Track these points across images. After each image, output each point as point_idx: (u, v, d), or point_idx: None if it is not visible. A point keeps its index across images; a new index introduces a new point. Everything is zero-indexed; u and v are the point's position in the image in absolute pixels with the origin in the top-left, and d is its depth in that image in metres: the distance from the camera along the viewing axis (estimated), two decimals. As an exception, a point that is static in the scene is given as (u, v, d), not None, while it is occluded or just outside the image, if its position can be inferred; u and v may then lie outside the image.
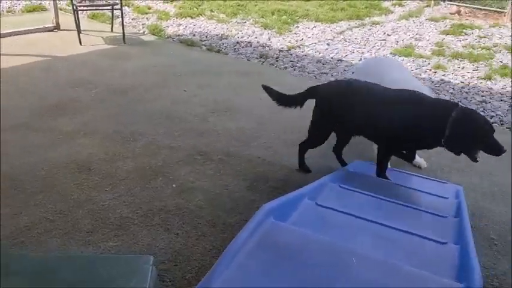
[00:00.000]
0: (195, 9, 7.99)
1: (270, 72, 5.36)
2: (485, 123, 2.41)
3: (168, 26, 7.05)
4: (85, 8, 6.47)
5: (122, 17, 6.16)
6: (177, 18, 7.52)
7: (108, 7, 6.25)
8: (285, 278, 1.32)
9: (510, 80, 5.36)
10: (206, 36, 6.72)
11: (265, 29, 7.27)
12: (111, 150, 3.21)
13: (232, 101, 4.29)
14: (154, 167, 3.03)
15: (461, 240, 1.79)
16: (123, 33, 6.04)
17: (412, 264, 1.52)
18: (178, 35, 6.68)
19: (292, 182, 2.95)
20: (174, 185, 2.82)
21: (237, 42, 6.51)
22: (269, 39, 6.79)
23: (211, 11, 8.03)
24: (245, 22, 7.60)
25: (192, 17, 7.59)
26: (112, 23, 6.52)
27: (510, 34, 7.18)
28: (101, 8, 6.49)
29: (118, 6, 6.07)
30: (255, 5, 8.59)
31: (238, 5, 8.44)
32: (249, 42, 6.58)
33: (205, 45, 6.30)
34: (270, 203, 1.60)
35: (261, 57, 5.96)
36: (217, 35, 6.83)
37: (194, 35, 6.72)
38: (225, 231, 2.39)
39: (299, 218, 1.74)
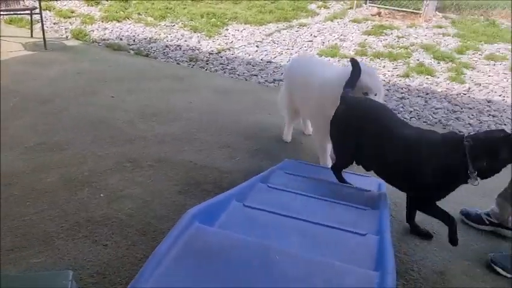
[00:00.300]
0: (121, 12, 7.79)
1: (200, 75, 5.36)
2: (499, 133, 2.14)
3: (93, 30, 6.83)
4: (1, 13, 6.09)
5: (42, 22, 5.87)
6: (102, 22, 7.29)
7: (27, 11, 5.93)
8: (210, 281, 1.34)
9: (425, 77, 5.75)
10: (134, 40, 6.59)
11: (194, 32, 7.25)
12: (33, 163, 3.06)
13: (162, 106, 4.24)
14: (80, 177, 2.92)
15: (380, 230, 1.90)
16: (44, 38, 5.77)
17: (335, 258, 1.60)
18: (104, 39, 6.49)
19: (225, 184, 2.97)
20: (102, 195, 2.74)
21: (166, 46, 6.44)
22: (199, 42, 6.78)
23: (139, 14, 7.87)
24: (174, 25, 7.53)
25: (118, 21, 7.40)
26: (31, 28, 6.20)
27: (425, 34, 7.69)
28: (18, 12, 6.14)
29: (37, 11, 5.78)
30: (184, 8, 8.54)
31: (167, 8, 8.35)
32: (179, 46, 6.53)
33: (133, 50, 6.17)
34: (195, 208, 1.60)
35: (190, 61, 5.94)
36: (145, 38, 6.71)
37: (121, 39, 6.55)
38: (156, 239, 2.36)
39: (226, 221, 1.76)
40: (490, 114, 4.81)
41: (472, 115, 4.78)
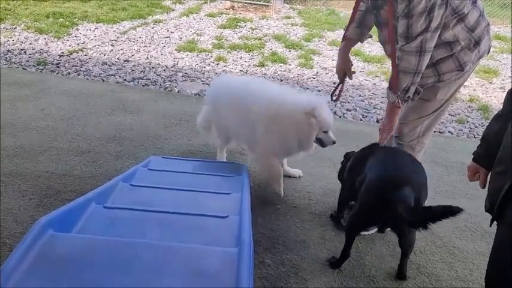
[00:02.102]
0: None
1: (51, 80, 4.99)
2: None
3: None
4: None
5: None
6: None
7: None
8: (70, 286, 1.31)
9: (279, 65, 6.15)
10: (-34, 47, 5.88)
11: (40, 33, 6.72)
12: None
13: (9, 116, 3.87)
14: None
15: (241, 211, 2.03)
16: None
17: (197, 242, 1.68)
18: None
19: (89, 190, 2.84)
20: None
21: (8, 51, 5.87)
22: (47, 45, 6.31)
23: (-31, 17, 7.03)
24: (15, 28, 6.88)
25: None
26: None
27: (276, 25, 8.19)
28: None
29: None
30: (26, 9, 7.84)
31: (5, 9, 7.57)
32: (23, 50, 6.00)
33: (-34, 57, 5.50)
34: (48, 216, 1.54)
35: (39, 65, 5.51)
36: (-20, 44, 6.03)
37: (-50, 46, 5.80)
38: (13, 258, 2.19)
39: (86, 225, 1.72)
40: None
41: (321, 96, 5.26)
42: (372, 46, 7.23)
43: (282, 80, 5.65)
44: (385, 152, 2.43)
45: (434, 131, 4.58)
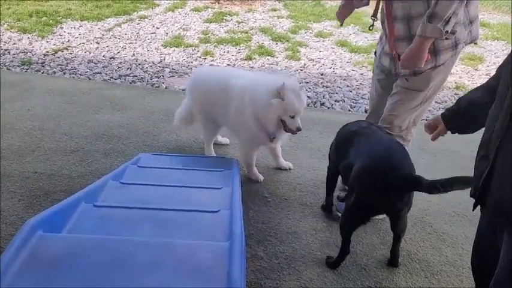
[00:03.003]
0: None
1: (37, 80, 4.94)
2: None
3: None
4: None
5: None
6: None
7: None
8: (63, 286, 1.31)
9: (266, 58, 6.14)
10: None
11: (24, 33, 6.63)
12: None
13: (-6, 118, 3.83)
14: None
15: (232, 205, 2.04)
16: None
17: (189, 238, 1.68)
18: None
19: (76, 190, 2.82)
20: None
21: (-9, 51, 5.79)
22: (31, 44, 6.23)
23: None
24: (-3, 28, 6.78)
25: None
26: None
27: (262, 17, 8.16)
28: None
29: None
30: (8, 8, 7.72)
31: (-14, 9, 7.45)
32: (7, 50, 5.92)
33: None
34: (37, 216, 1.53)
35: (23, 65, 5.44)
36: (-38, 45, 5.93)
37: None
38: (4, 260, 2.17)
39: (76, 224, 1.72)
40: (323, 86, 5.36)
41: (309, 88, 5.27)
42: (358, 36, 7.24)
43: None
44: (369, 136, 2.34)
45: (422, 119, 4.63)
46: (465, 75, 5.95)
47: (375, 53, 2.78)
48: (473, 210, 1.48)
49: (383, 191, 2.04)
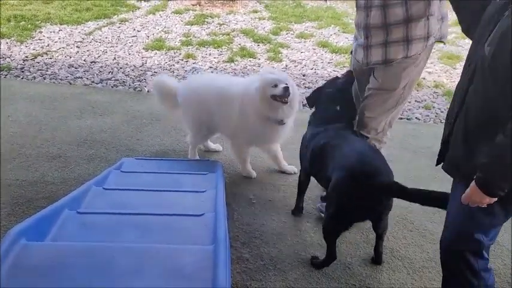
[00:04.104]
0: None
1: (16, 85, 4.88)
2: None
3: None
4: None
5: None
6: None
7: None
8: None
9: (248, 60, 6.16)
10: None
11: (2, 38, 6.52)
12: None
13: (-28, 126, 3.77)
14: None
15: (216, 208, 2.05)
16: None
17: (174, 242, 1.69)
18: None
19: (59, 196, 2.80)
20: None
21: (-32, 57, 5.68)
22: (9, 49, 6.14)
23: None
24: (-26, 33, 6.66)
25: None
26: None
27: (243, 19, 8.18)
28: None
29: None
30: (-15, 12, 7.58)
31: (-38, 14, 7.31)
32: (-16, 56, 5.82)
33: None
34: (20, 225, 1.53)
35: (2, 71, 5.35)
36: None
37: None
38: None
39: (59, 232, 1.71)
40: (305, 87, 5.41)
41: (292, 89, 5.30)
42: (339, 37, 7.31)
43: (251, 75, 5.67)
44: (342, 146, 2.33)
45: (402, 118, 4.71)
46: (444, 73, 6.06)
47: (351, 52, 2.82)
48: (436, 165, 1.82)
49: (361, 201, 2.09)
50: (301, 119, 3.28)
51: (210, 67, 5.87)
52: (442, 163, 1.79)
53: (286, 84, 2.87)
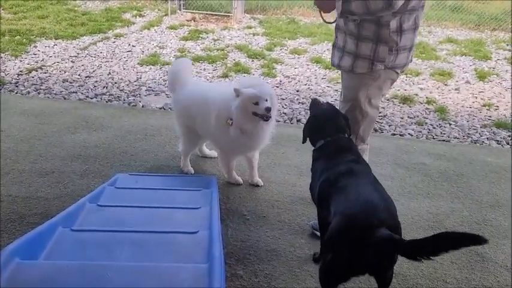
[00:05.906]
0: None
1: (10, 100, 4.87)
2: None
3: None
4: None
5: None
6: None
7: None
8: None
9: (243, 75, 6.20)
10: None
11: (-4, 52, 6.54)
12: None
13: (-36, 141, 3.76)
14: None
15: (211, 226, 2.06)
16: None
17: (168, 260, 1.69)
18: None
19: (55, 212, 2.78)
20: None
21: (-38, 72, 5.68)
22: (4, 64, 6.15)
23: None
24: (-32, 48, 6.67)
25: None
26: None
27: (237, 35, 8.26)
28: None
29: None
30: (-21, 27, 7.60)
31: (-43, 29, 7.32)
32: (-21, 70, 5.82)
33: None
34: (13, 244, 1.52)
35: (-4, 85, 5.36)
36: None
37: None
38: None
39: (53, 250, 1.70)
40: (299, 102, 5.45)
41: (286, 105, 5.35)
42: (333, 53, 7.38)
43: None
44: (347, 186, 2.05)
45: (395, 134, 4.75)
46: (435, 90, 6.13)
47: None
48: None
49: (359, 254, 1.80)
50: (290, 134, 3.32)
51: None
52: None
53: (267, 102, 2.87)
